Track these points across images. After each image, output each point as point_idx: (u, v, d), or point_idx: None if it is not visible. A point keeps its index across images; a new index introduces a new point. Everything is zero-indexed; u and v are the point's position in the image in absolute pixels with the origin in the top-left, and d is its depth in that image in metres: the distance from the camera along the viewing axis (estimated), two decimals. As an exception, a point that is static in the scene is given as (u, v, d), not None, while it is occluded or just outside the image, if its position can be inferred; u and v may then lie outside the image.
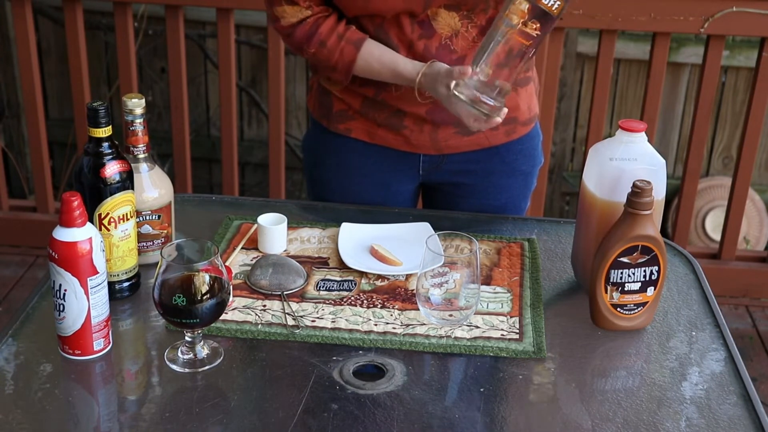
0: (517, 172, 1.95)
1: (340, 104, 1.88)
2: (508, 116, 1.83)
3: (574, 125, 4.03)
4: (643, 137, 1.54)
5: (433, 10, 1.73)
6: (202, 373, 1.40)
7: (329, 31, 1.76)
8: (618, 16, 2.91)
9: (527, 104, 1.91)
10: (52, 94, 4.18)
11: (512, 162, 1.93)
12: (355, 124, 1.88)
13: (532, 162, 1.98)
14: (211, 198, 1.99)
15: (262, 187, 4.19)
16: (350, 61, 1.76)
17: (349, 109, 1.88)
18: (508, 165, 1.93)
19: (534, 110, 1.94)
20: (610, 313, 1.52)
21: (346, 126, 1.89)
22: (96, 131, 1.47)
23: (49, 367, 1.41)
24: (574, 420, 1.34)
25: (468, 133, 1.84)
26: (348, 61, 1.77)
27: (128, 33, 3.13)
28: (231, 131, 3.23)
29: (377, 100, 1.83)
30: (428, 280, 1.48)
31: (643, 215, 1.45)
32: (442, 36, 1.75)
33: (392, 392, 1.37)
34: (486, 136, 1.87)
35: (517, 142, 1.92)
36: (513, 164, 1.94)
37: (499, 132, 1.88)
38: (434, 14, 1.74)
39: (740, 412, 1.36)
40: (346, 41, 1.76)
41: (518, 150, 1.93)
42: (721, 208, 3.78)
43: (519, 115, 1.89)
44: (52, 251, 1.36)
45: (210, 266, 1.37)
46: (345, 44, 1.76)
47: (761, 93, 3.04)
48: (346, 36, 1.76)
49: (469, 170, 1.92)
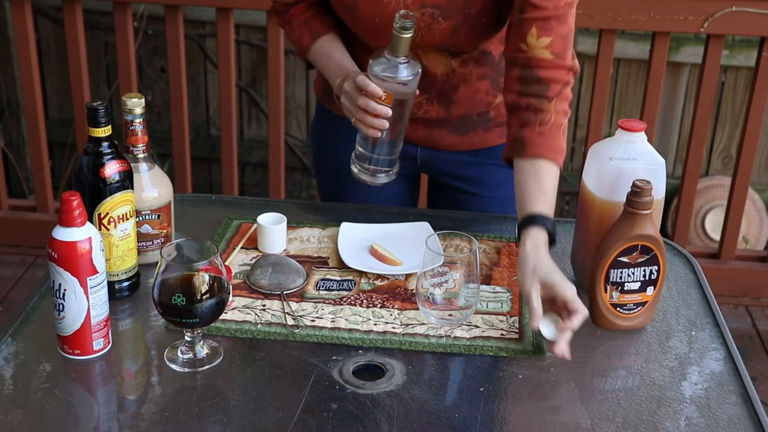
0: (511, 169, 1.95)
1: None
2: (501, 119, 1.85)
3: (574, 125, 4.03)
4: (642, 137, 1.54)
5: (424, 49, 1.73)
6: (201, 373, 1.40)
7: (299, 14, 1.80)
8: (618, 16, 2.91)
9: None
10: (51, 93, 4.18)
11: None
12: None
13: None
14: (210, 198, 1.99)
15: (261, 187, 4.19)
16: (305, 48, 1.81)
17: None
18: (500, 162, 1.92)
19: None
20: (610, 312, 1.52)
21: None
22: (95, 131, 1.47)
23: (49, 366, 1.41)
24: (573, 419, 1.34)
25: (462, 133, 1.84)
26: (303, 47, 1.81)
27: (128, 33, 3.13)
28: (231, 131, 3.23)
29: None
30: (428, 279, 1.48)
31: (643, 215, 1.45)
32: (438, 74, 1.76)
33: (392, 392, 1.37)
34: (480, 137, 1.88)
35: None
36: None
37: (492, 133, 1.89)
38: (425, 53, 1.74)
39: (740, 412, 1.36)
40: (308, 29, 1.79)
41: None
42: (720, 208, 3.78)
43: None
44: (52, 251, 1.36)
45: (209, 266, 1.37)
46: (306, 31, 1.79)
47: (761, 93, 3.04)
48: (309, 24, 1.79)
49: (464, 162, 1.92)
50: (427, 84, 1.78)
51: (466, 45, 1.72)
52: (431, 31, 1.67)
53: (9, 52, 4.01)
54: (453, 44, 1.70)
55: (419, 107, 1.81)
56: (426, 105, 1.81)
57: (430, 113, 1.82)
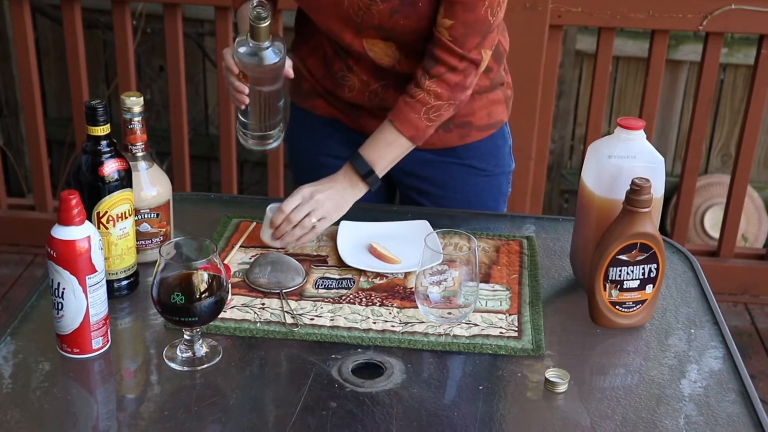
0: (476, 169, 1.94)
1: (308, 83, 1.92)
2: (461, 120, 1.87)
3: (573, 123, 4.03)
4: (641, 135, 1.54)
5: (369, 41, 1.74)
6: (200, 372, 1.40)
7: None
8: (617, 14, 2.91)
9: (487, 111, 1.90)
10: (50, 92, 4.18)
11: (468, 159, 1.93)
12: (319, 102, 1.92)
13: (495, 162, 1.96)
14: (209, 196, 1.99)
15: (260, 186, 4.19)
16: (235, 5, 1.87)
17: (315, 89, 1.91)
18: (464, 161, 1.93)
19: (497, 117, 1.93)
20: (609, 310, 1.52)
21: (312, 104, 1.93)
22: (94, 129, 1.47)
23: (48, 365, 1.41)
24: (572, 417, 1.34)
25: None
26: (235, 4, 1.87)
27: (126, 31, 3.13)
28: (230, 129, 3.22)
29: (335, 94, 1.86)
30: (427, 278, 1.48)
31: (642, 213, 1.45)
32: (384, 66, 1.78)
33: (391, 390, 1.37)
34: (439, 137, 1.87)
35: (474, 143, 1.92)
36: (469, 161, 1.93)
37: (452, 134, 1.89)
38: (371, 45, 1.75)
39: (739, 410, 1.36)
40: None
41: (475, 148, 1.92)
42: (719, 206, 3.78)
43: (474, 120, 1.89)
44: (51, 250, 1.35)
45: (208, 264, 1.37)
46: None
47: (760, 90, 3.04)
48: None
49: (426, 160, 1.92)
50: (381, 73, 1.79)
51: (406, 31, 1.72)
52: (370, 12, 1.69)
53: (7, 51, 4.00)
54: (393, 29, 1.71)
55: (375, 95, 1.82)
56: (382, 93, 1.82)
57: (387, 102, 1.82)
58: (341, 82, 1.83)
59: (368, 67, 1.80)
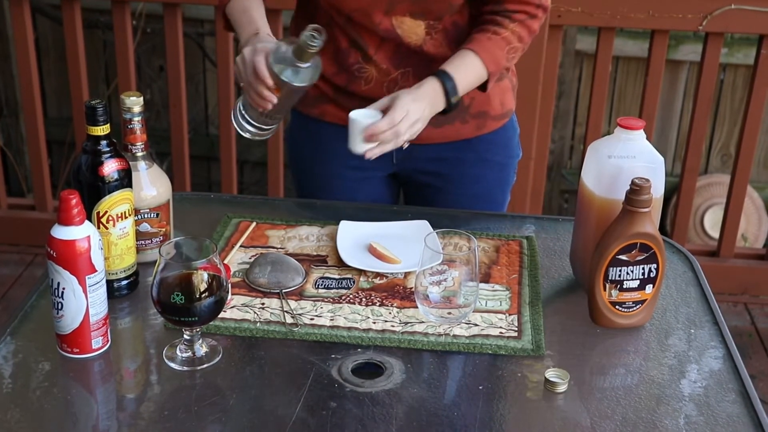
0: (491, 162, 1.95)
1: (315, 89, 1.90)
2: (478, 110, 1.87)
3: (573, 123, 4.03)
4: (641, 135, 1.54)
5: (398, 18, 1.74)
6: (200, 372, 1.40)
7: None
8: (616, 14, 2.91)
9: (499, 100, 1.91)
10: (50, 92, 4.18)
11: (484, 152, 1.94)
12: (329, 108, 1.90)
13: (508, 153, 1.98)
14: (209, 196, 1.99)
15: (260, 186, 4.19)
16: (223, 4, 1.82)
17: (323, 95, 1.89)
18: (479, 155, 1.93)
19: (508, 106, 1.94)
20: (609, 310, 1.52)
21: (321, 110, 1.91)
22: (94, 129, 1.47)
23: (48, 365, 1.41)
24: (572, 418, 1.34)
25: (438, 125, 1.85)
26: (222, 3, 1.82)
27: (126, 31, 3.13)
28: (229, 129, 3.22)
29: (348, 90, 1.85)
30: (427, 278, 1.48)
31: (642, 213, 1.45)
32: (410, 44, 1.77)
33: (391, 390, 1.36)
34: (456, 130, 1.88)
35: (489, 135, 1.93)
36: (485, 154, 1.94)
37: (469, 125, 1.89)
38: (400, 22, 1.75)
39: (739, 410, 1.36)
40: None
41: (490, 140, 1.93)
42: (719, 206, 3.78)
43: (490, 109, 1.90)
44: (51, 249, 1.35)
45: (208, 264, 1.37)
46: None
47: (760, 90, 3.04)
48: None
49: (441, 158, 1.92)
50: (403, 58, 1.79)
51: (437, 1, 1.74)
52: None
53: (7, 51, 4.00)
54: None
55: (395, 84, 1.81)
56: (402, 81, 1.81)
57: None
58: (357, 74, 1.82)
59: (390, 53, 1.79)
